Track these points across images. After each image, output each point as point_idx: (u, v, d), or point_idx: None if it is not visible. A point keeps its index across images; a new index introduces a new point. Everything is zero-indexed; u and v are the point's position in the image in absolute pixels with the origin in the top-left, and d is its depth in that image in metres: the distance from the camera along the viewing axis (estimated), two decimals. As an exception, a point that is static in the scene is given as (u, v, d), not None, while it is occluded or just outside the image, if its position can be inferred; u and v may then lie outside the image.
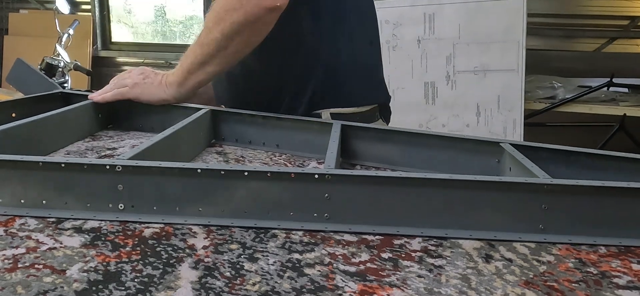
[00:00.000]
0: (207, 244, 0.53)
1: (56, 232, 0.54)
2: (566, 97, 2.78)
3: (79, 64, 2.36)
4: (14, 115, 0.95)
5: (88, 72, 2.56)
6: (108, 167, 0.58)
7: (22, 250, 0.50)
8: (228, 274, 0.47)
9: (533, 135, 2.75)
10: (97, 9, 4.13)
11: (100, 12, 4.15)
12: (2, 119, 0.88)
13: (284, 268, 0.49)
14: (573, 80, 3.02)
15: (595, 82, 2.89)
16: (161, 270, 0.47)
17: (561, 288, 0.47)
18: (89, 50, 3.97)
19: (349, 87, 1.04)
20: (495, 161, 0.79)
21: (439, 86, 2.71)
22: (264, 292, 0.45)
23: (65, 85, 2.18)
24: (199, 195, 0.58)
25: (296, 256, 0.51)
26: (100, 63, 4.11)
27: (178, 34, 4.41)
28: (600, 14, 3.40)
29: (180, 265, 0.49)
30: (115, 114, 1.02)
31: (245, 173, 0.58)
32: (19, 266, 0.47)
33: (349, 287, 0.46)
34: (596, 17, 3.42)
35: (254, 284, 0.46)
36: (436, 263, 0.51)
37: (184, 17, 4.35)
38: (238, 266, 0.49)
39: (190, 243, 0.53)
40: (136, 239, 0.54)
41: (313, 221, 0.58)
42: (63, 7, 2.63)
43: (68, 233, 0.54)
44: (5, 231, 0.54)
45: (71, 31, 2.51)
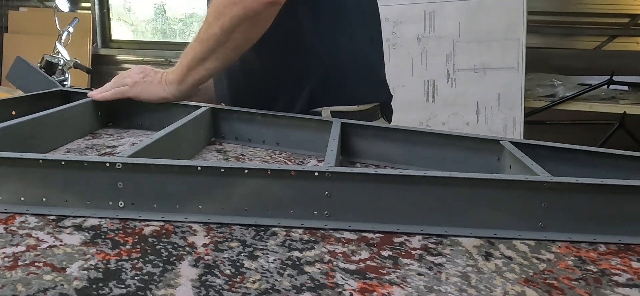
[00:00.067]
0: (207, 242, 0.53)
1: (56, 230, 0.54)
2: (566, 95, 2.78)
3: (79, 62, 2.35)
4: (14, 113, 0.95)
5: (88, 70, 2.56)
6: (108, 165, 0.58)
7: (22, 248, 0.50)
8: (228, 272, 0.47)
9: (533, 133, 2.76)
10: (97, 7, 4.12)
11: (100, 10, 4.14)
12: (2, 117, 0.88)
13: (284, 266, 0.49)
14: (573, 78, 3.02)
15: (595, 80, 2.89)
16: (161, 268, 0.47)
17: (561, 286, 0.47)
18: (89, 48, 3.96)
19: (349, 85, 1.04)
20: (495, 159, 0.79)
21: (439, 84, 2.71)
22: (264, 290, 0.45)
23: (65, 83, 2.17)
24: (199, 193, 0.58)
25: (296, 254, 0.51)
26: (100, 61, 4.10)
27: (178, 32, 4.40)
28: (600, 12, 3.40)
29: (180, 263, 0.49)
30: (115, 112, 1.02)
31: (245, 170, 0.58)
32: (19, 264, 0.47)
33: (349, 285, 0.46)
34: (596, 15, 3.42)
35: (254, 282, 0.46)
36: (436, 261, 0.51)
37: (184, 15, 4.34)
38: (238, 264, 0.49)
39: (190, 241, 0.53)
40: (136, 237, 0.54)
41: (313, 219, 0.58)
42: (63, 5, 2.63)
43: (68, 230, 0.54)
44: (5, 229, 0.54)
45: (71, 29, 2.50)
